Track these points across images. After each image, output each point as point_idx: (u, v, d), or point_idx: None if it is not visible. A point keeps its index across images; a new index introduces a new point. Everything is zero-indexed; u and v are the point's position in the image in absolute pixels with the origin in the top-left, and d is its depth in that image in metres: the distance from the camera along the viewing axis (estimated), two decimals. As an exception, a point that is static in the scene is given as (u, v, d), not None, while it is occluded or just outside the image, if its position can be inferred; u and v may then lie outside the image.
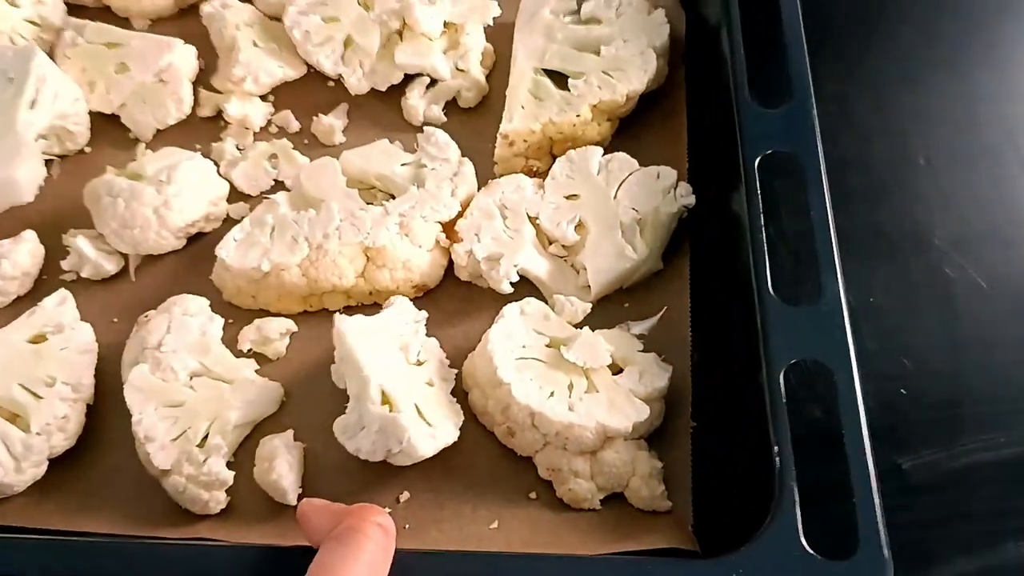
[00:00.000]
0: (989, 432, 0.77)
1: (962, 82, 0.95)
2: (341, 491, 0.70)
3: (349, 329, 0.69)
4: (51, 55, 0.85)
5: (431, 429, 0.66)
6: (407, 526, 0.69)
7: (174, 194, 0.76)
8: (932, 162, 0.90)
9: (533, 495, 0.71)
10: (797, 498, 0.59)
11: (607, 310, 0.77)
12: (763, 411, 0.64)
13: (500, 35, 0.90)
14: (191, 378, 0.71)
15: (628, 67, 0.83)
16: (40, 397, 0.69)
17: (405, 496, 0.70)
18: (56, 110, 0.80)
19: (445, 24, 0.86)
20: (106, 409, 0.73)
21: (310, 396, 0.75)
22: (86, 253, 0.76)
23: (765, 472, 0.62)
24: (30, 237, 0.76)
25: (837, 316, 0.66)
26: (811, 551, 0.58)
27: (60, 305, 0.74)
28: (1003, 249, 0.86)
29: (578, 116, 0.81)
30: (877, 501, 0.59)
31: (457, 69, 0.86)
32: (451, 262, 0.79)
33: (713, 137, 0.81)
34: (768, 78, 0.78)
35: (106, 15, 0.92)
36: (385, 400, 0.66)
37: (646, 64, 0.83)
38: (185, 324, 0.72)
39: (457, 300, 0.79)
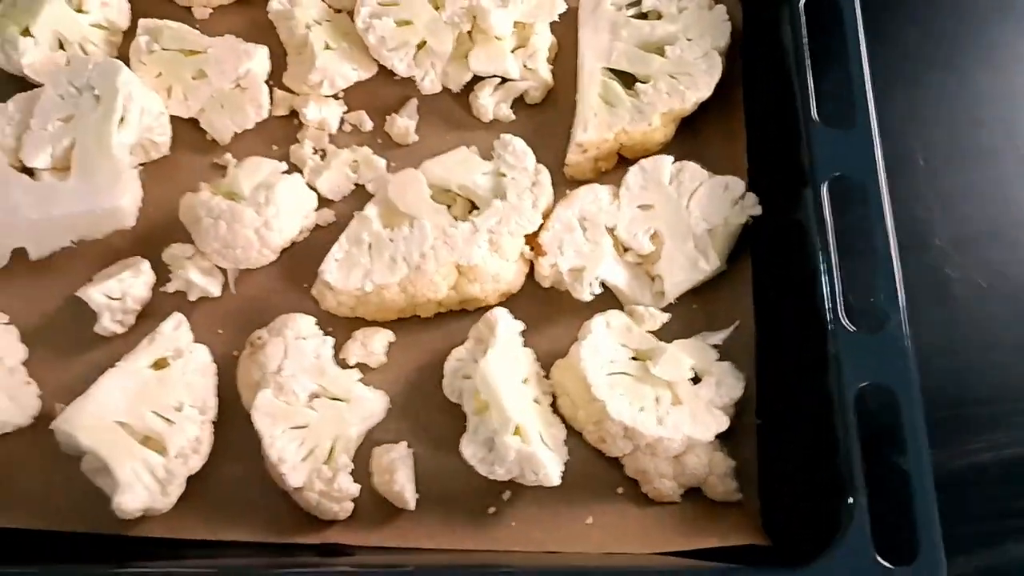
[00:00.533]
0: (989, 433, 0.84)
1: (962, 82, 0.98)
2: (449, 492, 0.78)
3: (494, 372, 0.75)
4: (124, 60, 0.84)
5: (555, 456, 0.74)
6: (513, 523, 0.77)
7: (273, 215, 0.79)
8: (931, 162, 0.95)
9: (620, 490, 0.79)
10: (867, 513, 0.68)
11: (676, 311, 0.83)
12: (830, 425, 0.72)
13: (561, 24, 0.92)
14: (311, 399, 0.76)
15: (694, 71, 0.86)
16: (172, 422, 0.74)
17: (507, 495, 0.78)
18: (143, 124, 0.81)
19: (514, 23, 0.87)
20: (224, 420, 0.78)
21: (413, 401, 0.81)
22: (194, 280, 0.79)
23: (831, 478, 0.71)
24: (146, 269, 0.79)
25: (901, 342, 0.73)
26: (882, 561, 0.67)
27: (176, 329, 0.78)
28: (1003, 249, 0.90)
29: (649, 125, 0.85)
30: (935, 509, 0.68)
31: (525, 67, 0.88)
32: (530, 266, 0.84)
33: (775, 147, 0.86)
34: (831, 95, 0.81)
35: (167, 3, 0.91)
36: (516, 430, 0.73)
37: (712, 69, 0.87)
38: (300, 348, 0.77)
39: (537, 303, 0.84)
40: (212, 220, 0.79)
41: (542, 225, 0.83)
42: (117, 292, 0.78)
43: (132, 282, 0.78)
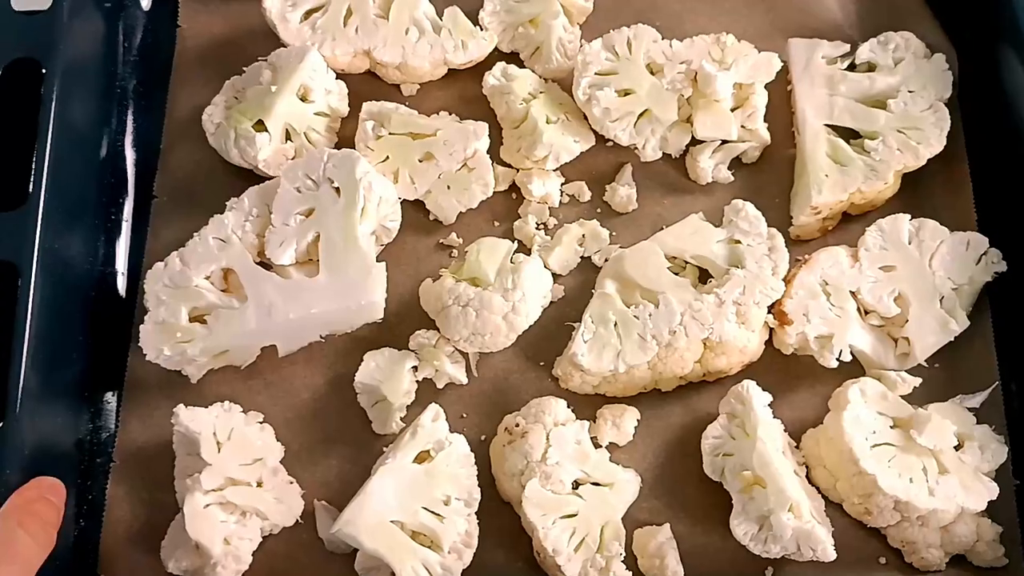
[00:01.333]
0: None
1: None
2: (712, 571, 0.77)
3: (769, 450, 0.74)
4: (346, 145, 0.84)
5: (827, 530, 0.73)
6: (779, 604, 0.77)
7: (519, 299, 0.79)
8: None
9: (883, 560, 0.78)
10: None
11: (920, 373, 0.82)
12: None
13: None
14: (575, 486, 0.76)
15: (923, 125, 0.85)
16: (442, 517, 0.74)
17: (770, 572, 0.78)
18: (380, 213, 0.80)
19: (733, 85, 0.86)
20: (480, 507, 0.78)
21: (663, 479, 0.80)
22: (448, 370, 0.79)
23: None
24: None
25: None
26: None
27: (435, 421, 0.78)
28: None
29: (885, 183, 0.83)
30: None
31: (743, 127, 0.87)
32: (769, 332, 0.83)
33: (1008, 197, 0.84)
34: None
35: (374, 81, 0.91)
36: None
37: (940, 122, 0.85)
38: (562, 435, 0.76)
39: (776, 371, 0.83)
40: (460, 308, 0.78)
41: (783, 292, 0.82)
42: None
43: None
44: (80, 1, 0.84)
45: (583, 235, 0.86)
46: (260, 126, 0.82)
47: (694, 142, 0.88)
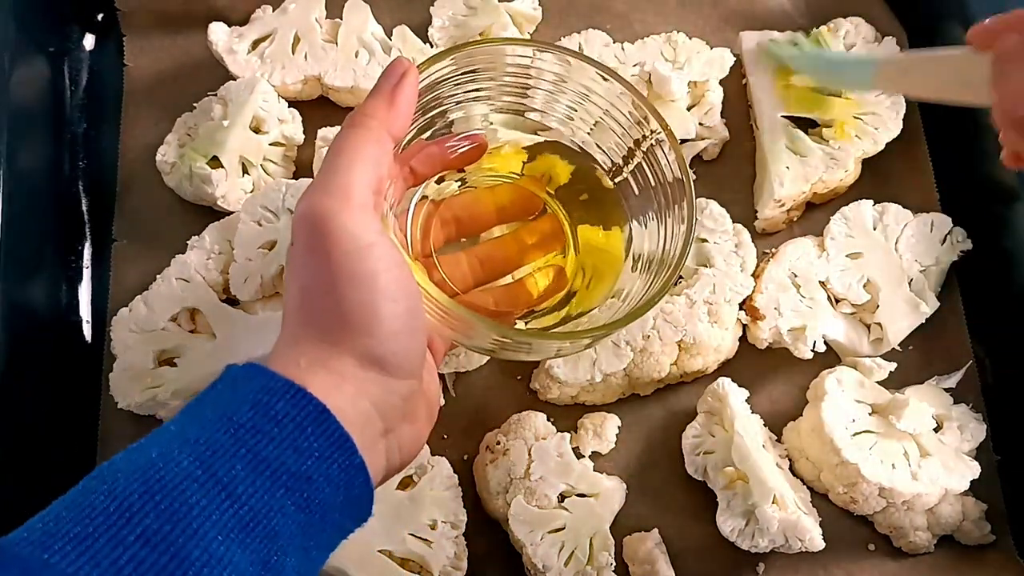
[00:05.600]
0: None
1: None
2: (702, 571, 0.77)
3: (748, 444, 0.74)
4: (304, 173, 0.84)
5: (813, 520, 0.73)
6: (769, 596, 0.77)
7: (490, 316, 0.78)
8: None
9: (872, 547, 0.79)
10: None
11: (894, 357, 0.82)
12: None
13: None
14: (561, 499, 0.76)
15: (879, 110, 0.85)
16: (430, 542, 0.74)
17: (761, 567, 0.78)
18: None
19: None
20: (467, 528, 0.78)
21: (647, 483, 0.80)
22: (425, 391, 0.78)
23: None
24: None
25: None
26: None
27: (416, 446, 0.77)
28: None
29: (846, 171, 0.83)
30: None
31: (701, 125, 0.87)
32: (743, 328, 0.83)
33: (968, 174, 0.85)
34: None
35: (328, 105, 0.90)
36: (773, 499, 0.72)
37: (896, 106, 0.85)
38: (544, 450, 0.76)
39: (751, 366, 0.83)
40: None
41: (753, 287, 0.82)
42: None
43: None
44: (22, 47, 0.82)
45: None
46: (215, 162, 0.81)
47: (653, 143, 0.88)
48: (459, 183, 0.72)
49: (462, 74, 0.64)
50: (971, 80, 0.56)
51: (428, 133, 0.66)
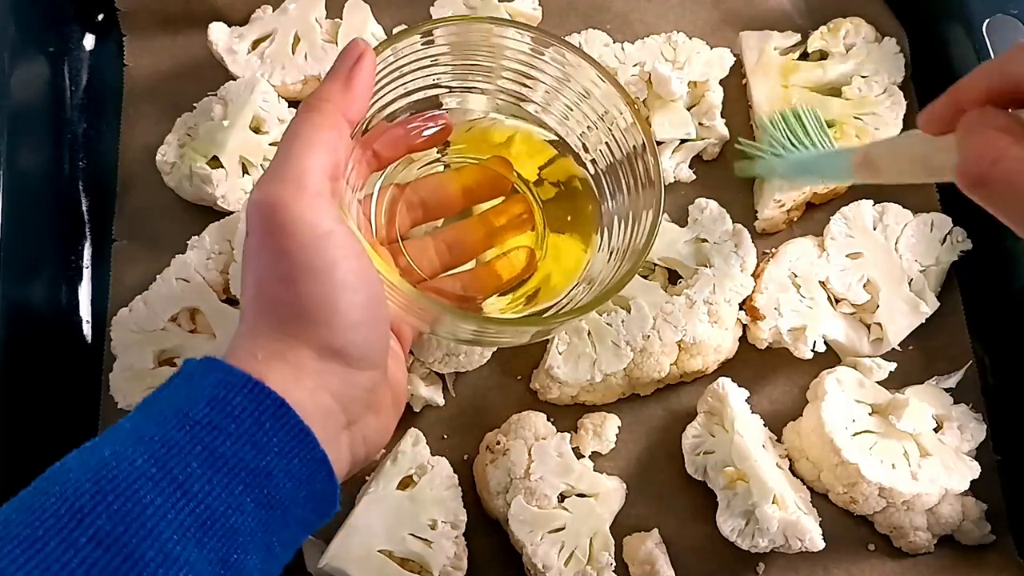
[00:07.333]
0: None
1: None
2: (703, 570, 0.77)
3: (747, 444, 0.74)
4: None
5: (813, 519, 0.73)
6: (771, 598, 0.77)
7: (490, 316, 0.78)
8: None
9: (872, 547, 0.79)
10: None
11: (895, 357, 0.82)
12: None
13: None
14: (561, 499, 0.76)
15: (879, 110, 0.85)
16: (430, 542, 0.74)
17: (761, 568, 0.78)
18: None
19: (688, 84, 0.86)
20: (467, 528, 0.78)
21: (646, 483, 0.80)
22: (423, 394, 0.79)
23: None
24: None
25: None
26: None
27: (416, 445, 0.77)
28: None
29: (845, 171, 0.83)
30: None
31: (701, 125, 0.87)
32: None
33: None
34: None
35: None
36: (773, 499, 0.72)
37: (895, 106, 0.85)
38: (544, 450, 0.76)
39: (751, 366, 0.83)
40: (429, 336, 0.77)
41: (753, 287, 0.82)
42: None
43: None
44: (22, 47, 0.83)
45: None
46: (215, 162, 0.81)
47: (651, 142, 0.88)
48: (436, 163, 0.72)
49: (435, 54, 0.64)
50: (936, 162, 0.55)
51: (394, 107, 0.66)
